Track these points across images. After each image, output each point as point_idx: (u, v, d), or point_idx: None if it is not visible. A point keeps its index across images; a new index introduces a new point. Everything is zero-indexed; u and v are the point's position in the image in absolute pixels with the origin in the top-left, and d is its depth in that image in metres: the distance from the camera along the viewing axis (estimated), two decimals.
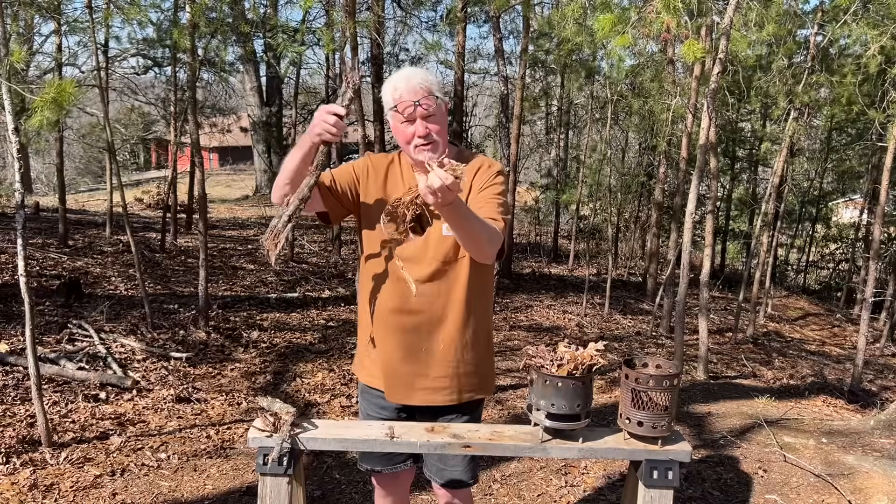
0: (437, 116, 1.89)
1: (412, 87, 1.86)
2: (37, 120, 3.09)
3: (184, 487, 3.15)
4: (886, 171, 6.64)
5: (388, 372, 2.02)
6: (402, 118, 1.88)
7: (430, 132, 1.88)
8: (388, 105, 1.90)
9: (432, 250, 1.94)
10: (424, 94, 1.86)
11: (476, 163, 1.99)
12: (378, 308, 2.00)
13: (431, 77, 1.92)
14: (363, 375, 2.12)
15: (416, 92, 1.85)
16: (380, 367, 2.05)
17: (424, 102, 1.85)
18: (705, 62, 6.72)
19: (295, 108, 10.95)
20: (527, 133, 15.03)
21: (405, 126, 1.89)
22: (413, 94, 1.85)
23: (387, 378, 2.03)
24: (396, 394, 2.02)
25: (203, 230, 5.65)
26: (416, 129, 1.87)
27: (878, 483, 3.35)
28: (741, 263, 15.45)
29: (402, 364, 1.99)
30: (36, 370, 3.29)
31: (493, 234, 1.83)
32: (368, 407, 2.12)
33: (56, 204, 9.65)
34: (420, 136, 1.87)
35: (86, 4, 5.68)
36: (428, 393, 2.00)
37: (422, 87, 1.86)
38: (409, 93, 1.86)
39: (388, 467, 2.14)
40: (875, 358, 9.18)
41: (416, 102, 1.85)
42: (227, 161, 31.02)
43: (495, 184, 1.96)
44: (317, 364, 5.14)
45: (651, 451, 1.81)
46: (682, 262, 5.47)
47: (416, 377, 1.99)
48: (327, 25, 7.70)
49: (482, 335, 2.05)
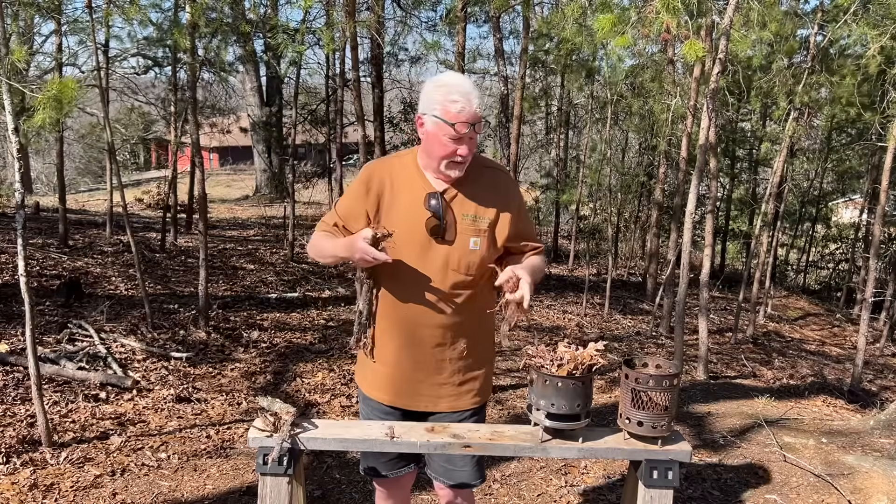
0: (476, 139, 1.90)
1: (473, 109, 1.82)
2: (39, 118, 3.09)
3: (184, 487, 3.16)
4: (886, 171, 6.63)
5: (397, 379, 2.02)
6: (450, 132, 1.82)
7: (470, 153, 1.87)
8: (438, 112, 1.83)
9: (458, 263, 1.93)
10: (480, 118, 1.85)
11: (497, 175, 2.02)
12: (392, 316, 1.99)
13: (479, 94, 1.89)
14: (365, 386, 2.11)
15: (475, 115, 1.83)
16: (387, 374, 2.04)
17: (479, 129, 1.86)
18: (705, 62, 6.72)
19: (295, 108, 10.93)
20: (527, 133, 15.03)
21: (448, 140, 1.84)
22: (472, 118, 1.82)
23: (395, 384, 2.03)
24: (402, 399, 2.03)
25: (203, 230, 5.65)
26: (461, 150, 1.85)
27: (878, 483, 3.35)
28: (741, 263, 15.45)
29: (413, 372, 2.00)
30: (36, 370, 3.29)
31: (544, 267, 2.04)
32: (371, 413, 2.11)
33: (56, 204, 9.65)
34: (461, 156, 1.85)
35: (86, 4, 5.68)
36: (436, 399, 2.01)
37: (479, 112, 1.84)
38: (470, 115, 1.82)
39: (392, 472, 2.13)
40: (875, 358, 9.18)
41: (473, 127, 1.83)
42: (227, 161, 31.02)
43: (523, 207, 2.06)
44: (317, 364, 5.14)
45: (651, 451, 1.81)
46: (682, 262, 5.47)
47: (426, 384, 2.00)
48: (327, 25, 7.69)
49: (489, 341, 2.09)
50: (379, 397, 2.06)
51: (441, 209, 1.89)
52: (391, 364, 2.02)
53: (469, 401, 2.03)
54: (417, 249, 1.91)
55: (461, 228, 1.91)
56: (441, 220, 1.89)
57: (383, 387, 2.04)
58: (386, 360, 2.02)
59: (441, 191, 1.92)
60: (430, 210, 1.90)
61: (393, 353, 2.00)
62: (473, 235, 1.91)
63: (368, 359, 2.06)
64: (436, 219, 1.89)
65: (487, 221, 1.93)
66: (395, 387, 2.02)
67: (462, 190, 1.93)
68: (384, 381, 2.04)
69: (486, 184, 1.96)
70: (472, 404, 2.04)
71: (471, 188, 1.94)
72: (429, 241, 1.91)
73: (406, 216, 1.92)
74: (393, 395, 2.03)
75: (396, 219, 1.92)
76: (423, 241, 1.91)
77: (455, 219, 1.91)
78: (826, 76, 8.37)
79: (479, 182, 1.95)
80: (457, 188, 1.93)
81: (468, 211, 1.92)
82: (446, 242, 1.91)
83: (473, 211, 1.93)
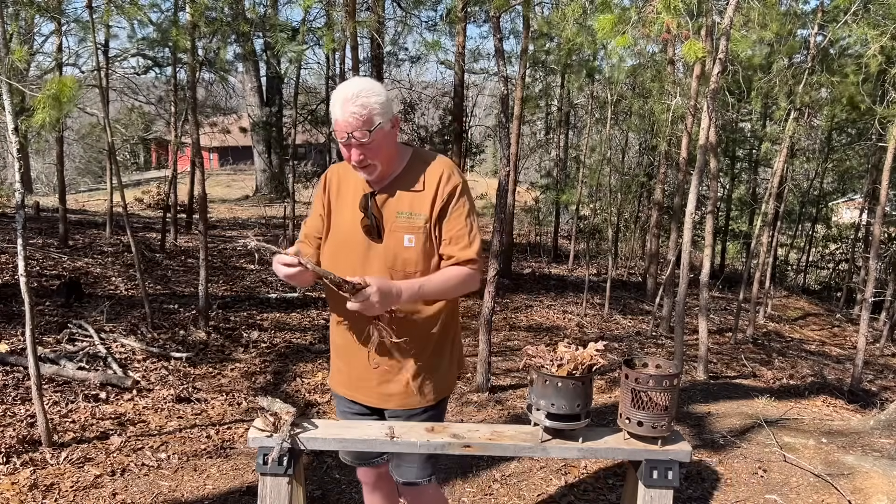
0: (374, 142, 1.85)
1: (346, 116, 1.81)
2: (39, 117, 3.09)
3: (184, 487, 3.15)
4: (886, 170, 6.64)
5: (351, 376, 2.08)
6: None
7: (364, 158, 1.86)
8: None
9: (394, 261, 1.94)
10: (359, 124, 1.80)
11: (437, 170, 1.96)
12: (340, 314, 2.03)
13: (374, 97, 1.83)
14: (330, 378, 2.21)
15: (348, 123, 1.81)
16: (340, 368, 2.11)
17: (357, 135, 1.82)
18: (705, 62, 6.73)
19: (295, 108, 10.94)
20: (527, 133, 15.03)
21: (343, 147, 1.88)
22: (345, 126, 1.81)
23: (348, 380, 2.09)
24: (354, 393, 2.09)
25: (203, 230, 5.65)
26: (351, 156, 1.87)
27: (878, 483, 3.35)
28: (741, 263, 15.45)
29: (360, 369, 2.04)
30: (36, 370, 3.29)
31: (463, 282, 1.94)
32: (339, 405, 2.19)
33: (56, 204, 9.65)
34: (355, 161, 1.88)
35: (86, 4, 5.68)
36: (386, 397, 2.03)
37: (355, 119, 1.80)
38: (342, 123, 1.81)
39: (363, 462, 2.21)
40: (875, 358, 9.18)
41: (350, 135, 1.82)
42: (227, 161, 31.00)
43: (458, 207, 1.95)
44: (317, 364, 5.14)
45: (651, 451, 1.81)
46: (682, 263, 5.47)
47: (373, 381, 2.03)
48: (327, 25, 7.70)
49: (440, 338, 2.05)
50: (336, 389, 2.15)
51: (370, 209, 1.94)
52: (343, 360, 2.10)
53: (419, 399, 2.03)
54: (359, 249, 1.96)
55: (395, 227, 1.93)
56: (371, 220, 1.94)
57: (340, 380, 2.13)
58: (339, 355, 2.11)
59: (374, 191, 1.96)
60: (362, 210, 1.95)
61: (343, 349, 2.07)
62: (408, 233, 1.92)
63: (332, 350, 2.16)
64: (367, 219, 1.95)
65: (423, 218, 1.93)
66: (348, 382, 2.09)
67: (398, 187, 1.96)
68: (339, 374, 2.13)
69: (423, 180, 1.96)
70: (422, 403, 2.04)
71: (407, 186, 1.96)
72: (367, 241, 1.96)
73: (348, 217, 1.99)
74: (347, 388, 2.11)
75: (340, 220, 2.01)
76: (363, 242, 1.96)
77: (383, 217, 1.94)
78: (826, 76, 8.37)
79: (416, 179, 1.96)
80: (392, 187, 1.96)
81: (402, 208, 1.94)
82: (380, 241, 1.95)
83: (408, 208, 1.94)
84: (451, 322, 2.07)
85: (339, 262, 1.97)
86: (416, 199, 1.94)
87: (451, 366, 2.12)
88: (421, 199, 1.94)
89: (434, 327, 2.01)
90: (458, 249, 1.94)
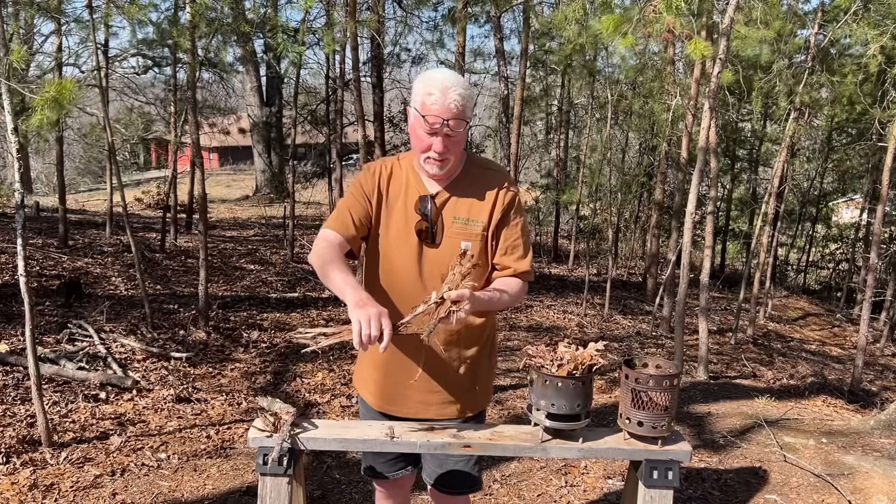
0: (459, 136, 1.80)
1: (447, 103, 1.74)
2: (37, 119, 3.09)
3: (184, 487, 3.15)
4: (886, 170, 6.64)
5: (387, 384, 2.00)
6: (425, 126, 1.78)
7: (446, 150, 1.80)
8: (416, 104, 1.79)
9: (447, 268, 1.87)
10: (456, 115, 1.75)
11: (496, 178, 1.92)
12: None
13: (468, 92, 1.80)
14: (360, 386, 2.11)
15: (448, 110, 1.74)
16: (376, 378, 2.02)
17: (453, 125, 1.76)
18: (706, 62, 6.72)
19: (295, 108, 10.94)
20: (527, 133, 15.03)
21: (424, 133, 1.79)
22: (445, 112, 1.75)
23: (384, 389, 2.01)
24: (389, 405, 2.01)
25: (203, 230, 5.65)
26: (435, 144, 1.79)
27: (878, 483, 3.35)
28: (741, 263, 15.45)
29: (403, 377, 1.96)
30: (36, 370, 3.29)
31: (518, 294, 1.92)
32: (367, 414, 2.11)
33: (56, 204, 9.65)
34: (436, 151, 1.80)
35: (86, 4, 5.68)
36: (426, 406, 1.98)
37: (456, 107, 1.75)
38: (442, 108, 1.75)
39: (390, 473, 2.13)
40: (875, 358, 9.18)
41: (445, 122, 1.76)
42: (227, 161, 31.01)
43: (516, 217, 1.92)
44: (317, 364, 5.14)
45: (651, 451, 1.80)
46: (682, 263, 5.47)
47: (415, 390, 1.96)
48: (328, 25, 7.70)
49: (486, 349, 2.03)
50: (369, 399, 2.07)
51: (430, 212, 1.87)
52: (381, 368, 2.00)
53: (458, 410, 1.99)
54: (410, 252, 1.89)
55: (452, 232, 1.87)
56: (430, 224, 1.87)
57: (373, 390, 2.04)
58: (377, 363, 2.01)
59: (433, 194, 1.89)
60: (419, 213, 1.88)
61: (383, 356, 1.94)
62: (464, 239, 1.85)
63: (365, 360, 2.06)
64: (425, 222, 1.87)
65: (481, 225, 1.89)
66: (385, 391, 2.01)
67: (456, 192, 1.90)
68: (374, 384, 2.04)
69: (482, 187, 1.91)
70: (461, 414, 2.00)
71: (465, 191, 1.90)
72: (420, 244, 1.89)
73: (400, 218, 1.90)
74: (381, 399, 2.02)
75: (391, 220, 1.91)
76: (415, 245, 1.89)
77: (444, 223, 1.88)
78: (827, 76, 8.37)
79: (475, 185, 1.91)
80: (450, 191, 1.90)
81: (460, 214, 1.89)
82: (435, 246, 1.88)
83: (465, 214, 1.89)
84: (493, 333, 2.06)
85: (393, 265, 1.90)
86: (474, 206, 1.89)
87: (491, 374, 2.09)
88: (480, 206, 1.89)
89: (482, 338, 1.99)
90: (513, 260, 1.91)
